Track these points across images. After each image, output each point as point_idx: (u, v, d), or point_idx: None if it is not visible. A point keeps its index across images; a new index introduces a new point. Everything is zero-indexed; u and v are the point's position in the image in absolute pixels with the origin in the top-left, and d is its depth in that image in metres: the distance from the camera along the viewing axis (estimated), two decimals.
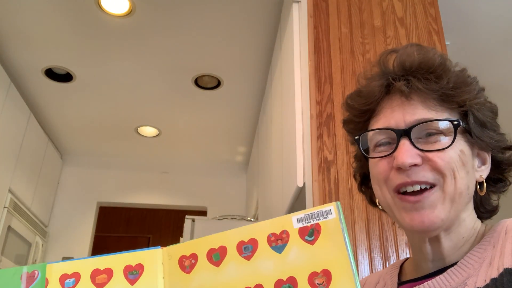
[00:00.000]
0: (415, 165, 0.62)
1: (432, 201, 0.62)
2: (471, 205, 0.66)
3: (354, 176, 0.79)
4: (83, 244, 3.53)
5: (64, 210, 3.60)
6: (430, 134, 0.63)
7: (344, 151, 1.48)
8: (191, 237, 2.64)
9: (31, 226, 3.10)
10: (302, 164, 1.58)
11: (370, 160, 0.69)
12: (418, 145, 0.63)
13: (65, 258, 3.45)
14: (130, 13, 2.24)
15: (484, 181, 0.66)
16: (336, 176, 1.44)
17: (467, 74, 0.68)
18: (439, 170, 0.62)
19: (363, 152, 0.69)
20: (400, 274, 0.73)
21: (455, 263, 0.62)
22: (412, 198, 0.62)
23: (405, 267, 0.74)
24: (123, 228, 5.18)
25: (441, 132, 0.63)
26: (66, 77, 2.79)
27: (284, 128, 1.91)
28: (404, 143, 0.63)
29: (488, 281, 0.56)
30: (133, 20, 2.30)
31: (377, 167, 0.66)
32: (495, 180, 0.69)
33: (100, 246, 4.65)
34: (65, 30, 2.38)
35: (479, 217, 0.69)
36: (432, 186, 0.62)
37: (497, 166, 0.69)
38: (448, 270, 0.62)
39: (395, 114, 0.66)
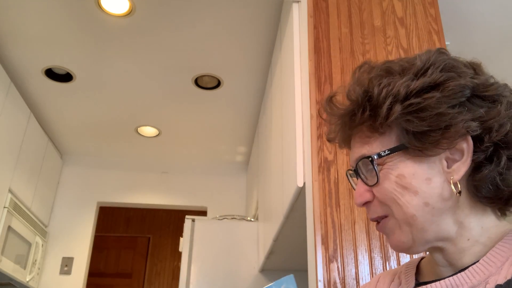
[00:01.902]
0: (368, 202, 0.66)
1: (389, 228, 0.65)
2: (465, 205, 0.63)
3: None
4: (83, 244, 3.53)
5: (64, 210, 3.60)
6: (370, 169, 0.65)
7: (344, 151, 1.48)
8: (191, 237, 2.64)
9: (31, 226, 3.09)
10: (302, 164, 1.58)
11: None
12: (367, 182, 0.65)
13: (65, 258, 3.45)
14: (130, 13, 2.24)
15: (457, 183, 0.60)
16: (336, 176, 1.44)
17: (379, 90, 0.63)
18: (384, 203, 0.64)
19: (352, 185, 0.73)
20: (416, 273, 0.72)
21: (474, 263, 0.61)
22: (377, 227, 0.67)
23: (422, 267, 0.73)
24: (123, 228, 5.18)
25: (372, 167, 0.64)
26: (66, 77, 2.79)
27: (284, 128, 1.91)
28: (358, 181, 0.67)
29: (509, 277, 0.56)
30: (133, 20, 2.30)
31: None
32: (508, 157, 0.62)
33: (100, 246, 4.65)
34: (65, 30, 2.38)
35: (503, 210, 0.65)
36: (385, 216, 0.65)
37: (509, 146, 0.61)
38: (470, 268, 0.61)
39: (351, 155, 0.70)
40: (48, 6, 2.23)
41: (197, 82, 2.81)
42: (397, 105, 0.61)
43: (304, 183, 1.56)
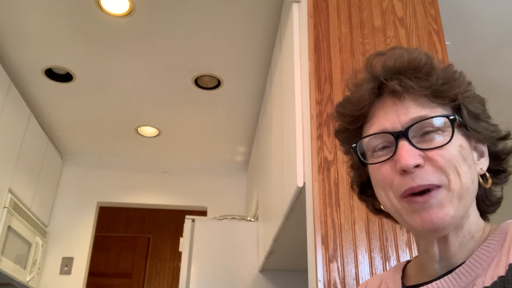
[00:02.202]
0: (418, 165, 0.61)
1: (440, 200, 0.60)
2: (474, 200, 0.66)
3: (352, 186, 0.77)
4: (83, 244, 3.53)
5: (64, 210, 3.60)
6: (426, 133, 0.62)
7: None
8: (191, 237, 2.64)
9: (31, 226, 3.09)
10: (302, 164, 1.58)
11: (371, 167, 0.67)
12: (418, 145, 0.61)
13: (65, 258, 3.45)
14: (130, 13, 2.24)
15: (487, 173, 0.66)
16: (336, 176, 1.44)
17: (454, 70, 0.68)
18: (442, 169, 0.61)
19: (362, 159, 0.67)
20: (403, 277, 0.72)
21: (461, 264, 0.62)
22: (420, 198, 0.61)
23: (408, 270, 0.73)
24: (123, 228, 5.18)
25: (437, 129, 0.62)
26: (66, 77, 2.79)
27: (284, 128, 1.91)
28: (404, 144, 0.61)
29: (495, 279, 0.56)
30: (133, 20, 2.30)
31: (380, 173, 0.65)
32: (495, 171, 0.69)
33: (100, 246, 4.65)
34: (65, 30, 2.38)
35: (484, 211, 0.69)
36: (438, 187, 0.61)
37: (495, 157, 0.69)
38: (457, 270, 0.61)
39: (389, 116, 0.64)
40: (48, 6, 2.23)
41: (197, 82, 2.81)
42: (471, 85, 0.68)
43: (304, 183, 1.56)
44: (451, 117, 0.62)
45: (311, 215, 1.44)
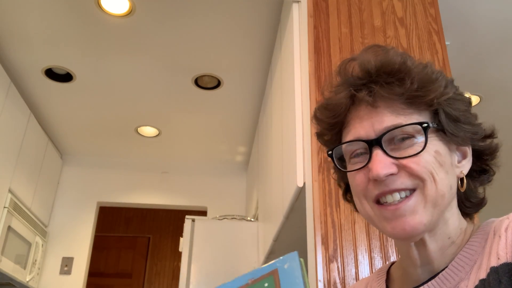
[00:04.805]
0: (391, 174, 0.61)
1: (412, 207, 0.60)
2: (454, 203, 0.65)
3: (339, 184, 0.77)
4: (83, 244, 3.53)
5: (64, 210, 3.60)
6: (401, 139, 0.62)
7: None
8: (191, 237, 2.64)
9: (31, 226, 3.09)
10: (302, 164, 1.58)
11: (348, 173, 0.67)
12: (392, 153, 0.61)
13: (65, 258, 3.45)
14: (130, 13, 2.24)
15: (465, 177, 0.64)
16: None
17: (431, 70, 0.65)
18: (417, 176, 0.60)
19: (338, 166, 0.68)
20: (387, 280, 0.72)
21: (444, 268, 0.61)
22: (391, 206, 0.61)
23: (392, 273, 0.73)
24: (123, 228, 5.18)
25: (412, 136, 0.62)
26: (66, 77, 2.79)
27: (284, 128, 1.91)
28: (377, 153, 0.61)
29: (477, 282, 0.56)
30: (133, 20, 2.30)
31: (355, 180, 0.65)
32: (479, 171, 0.68)
33: (100, 246, 4.65)
34: (65, 30, 2.38)
35: (466, 212, 0.68)
36: (412, 190, 0.61)
37: (478, 157, 0.67)
38: (440, 275, 0.61)
39: (364, 124, 0.64)
40: (48, 6, 2.23)
41: (197, 82, 2.81)
42: (449, 88, 0.65)
43: (304, 183, 1.56)
44: (424, 125, 0.61)
45: (311, 215, 1.44)
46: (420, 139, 0.61)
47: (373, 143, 0.62)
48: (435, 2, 1.77)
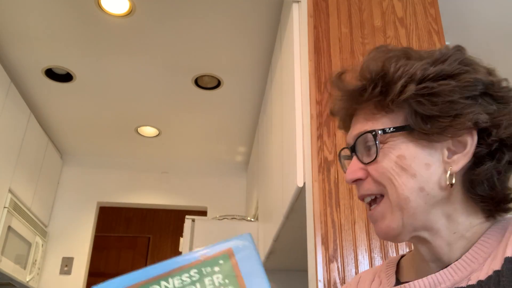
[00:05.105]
0: (359, 179, 0.65)
1: (381, 212, 0.64)
2: (456, 199, 0.63)
3: None
4: (83, 244, 3.53)
5: (64, 210, 3.60)
6: (369, 146, 0.64)
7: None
8: (191, 237, 2.64)
9: (31, 226, 3.10)
10: (302, 164, 1.58)
11: None
12: (363, 159, 0.65)
13: (65, 258, 3.45)
14: (130, 13, 2.24)
15: (452, 175, 0.60)
16: (336, 176, 1.44)
17: (390, 66, 0.63)
18: (378, 182, 0.63)
19: (342, 168, 0.74)
20: (397, 272, 0.72)
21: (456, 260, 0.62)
22: (368, 212, 0.66)
23: (403, 265, 0.73)
24: (123, 228, 5.18)
25: (373, 143, 0.63)
26: (66, 77, 2.79)
27: (284, 128, 1.91)
28: (353, 159, 0.66)
29: (490, 273, 0.56)
30: (133, 20, 2.30)
31: None
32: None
33: (100, 246, 4.65)
34: (65, 30, 2.38)
35: (488, 209, 0.64)
36: (381, 196, 0.64)
37: (506, 144, 0.61)
38: (452, 265, 0.61)
39: (351, 131, 0.69)
40: (48, 6, 2.23)
41: (197, 82, 2.81)
42: (411, 85, 0.61)
43: (304, 183, 1.56)
44: (373, 133, 0.63)
45: (311, 215, 1.44)
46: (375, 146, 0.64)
47: (350, 150, 0.67)
48: (435, 2, 1.77)
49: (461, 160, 0.61)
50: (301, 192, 1.60)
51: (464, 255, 0.61)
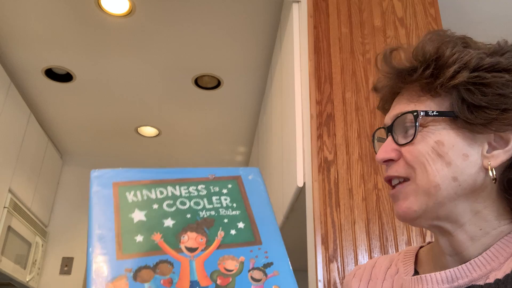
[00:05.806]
0: (391, 160, 0.63)
1: (405, 193, 0.62)
2: (489, 197, 0.61)
3: None
4: (83, 244, 3.53)
5: (64, 210, 3.60)
6: (407, 128, 0.63)
7: (344, 151, 1.48)
8: None
9: (31, 226, 3.10)
10: (302, 164, 1.58)
11: None
12: (399, 140, 0.63)
13: (65, 258, 3.45)
14: (130, 13, 2.24)
15: (493, 169, 0.58)
16: (336, 176, 1.44)
17: (450, 52, 0.62)
18: (409, 165, 0.62)
19: (374, 149, 0.72)
20: (415, 263, 0.70)
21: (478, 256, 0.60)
22: (391, 190, 0.65)
23: (421, 256, 0.71)
24: None
25: (412, 125, 0.62)
26: (66, 77, 2.79)
27: (284, 128, 1.91)
28: (388, 139, 0.65)
29: (508, 271, 0.55)
30: (133, 20, 2.30)
31: None
32: None
33: None
34: (65, 30, 2.38)
35: None
36: (407, 179, 0.62)
37: None
38: (472, 261, 0.60)
39: (390, 111, 0.68)
40: (48, 6, 2.23)
41: (197, 82, 2.81)
42: (464, 72, 0.60)
43: (304, 183, 1.56)
44: (414, 114, 0.62)
45: (311, 215, 1.44)
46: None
47: (387, 130, 0.66)
48: (435, 2, 1.77)
49: (501, 156, 0.59)
50: (301, 192, 1.60)
51: (484, 252, 0.59)
